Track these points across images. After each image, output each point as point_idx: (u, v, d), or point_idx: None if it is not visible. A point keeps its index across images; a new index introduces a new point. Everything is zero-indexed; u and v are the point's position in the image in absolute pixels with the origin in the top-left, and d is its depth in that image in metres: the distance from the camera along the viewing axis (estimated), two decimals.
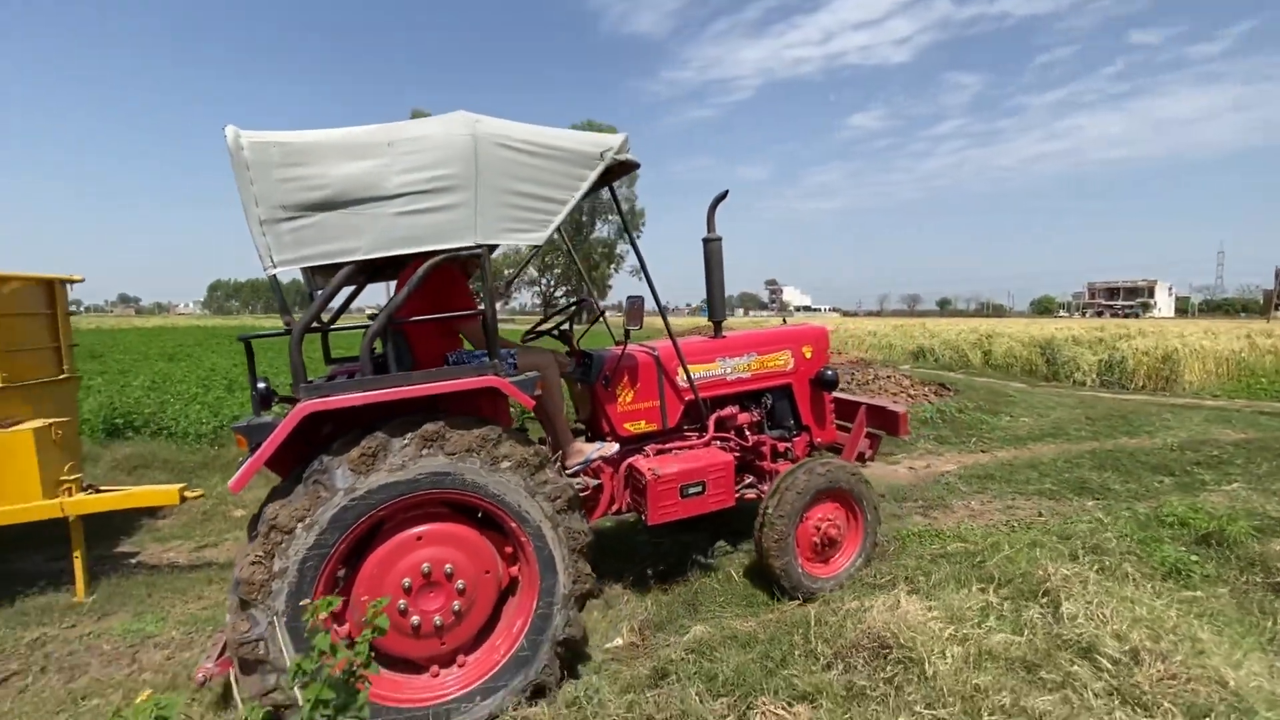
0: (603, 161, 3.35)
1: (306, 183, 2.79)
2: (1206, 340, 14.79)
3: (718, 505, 4.19)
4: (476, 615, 3.19)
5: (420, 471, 2.93)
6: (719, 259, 4.54)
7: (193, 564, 5.52)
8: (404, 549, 3.01)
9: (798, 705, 3.05)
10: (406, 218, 2.95)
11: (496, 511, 3.15)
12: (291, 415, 2.77)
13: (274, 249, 2.79)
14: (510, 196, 3.13)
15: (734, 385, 4.59)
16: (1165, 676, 2.79)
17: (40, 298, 5.19)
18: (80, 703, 3.56)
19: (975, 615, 3.32)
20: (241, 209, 2.79)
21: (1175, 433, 8.17)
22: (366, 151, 2.90)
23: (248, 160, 2.71)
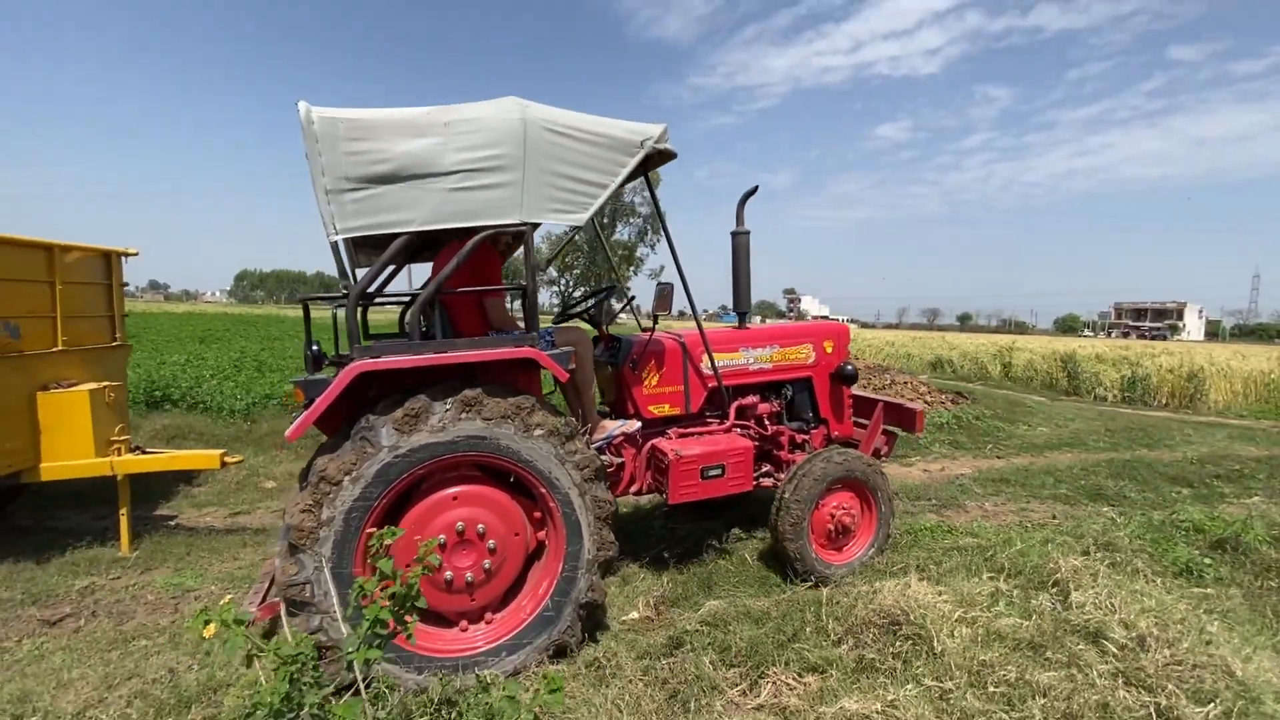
0: (642, 149, 3.53)
1: (370, 157, 3.00)
2: (1235, 361, 14.59)
3: (736, 489, 4.31)
4: (505, 575, 3.36)
5: (459, 434, 3.11)
6: (746, 253, 4.72)
7: (228, 529, 5.77)
8: (440, 507, 3.19)
9: (808, 676, 3.17)
10: (460, 193, 3.16)
11: (527, 476, 3.30)
12: (345, 373, 2.95)
13: (337, 217, 3.00)
14: (554, 178, 3.32)
15: (756, 375, 4.73)
16: (1171, 662, 2.86)
17: (99, 268, 5.47)
18: (130, 643, 3.79)
19: (984, 600, 3.41)
20: (309, 181, 3.01)
21: (1196, 447, 8.13)
22: (425, 130, 3.10)
23: (317, 133, 2.92)
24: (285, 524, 3.00)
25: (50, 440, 4.79)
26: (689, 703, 3.02)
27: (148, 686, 3.24)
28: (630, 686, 3.19)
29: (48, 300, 4.93)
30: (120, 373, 5.63)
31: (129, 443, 5.19)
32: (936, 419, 9.24)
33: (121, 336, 5.66)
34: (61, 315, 5.00)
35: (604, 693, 3.14)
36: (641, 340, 4.36)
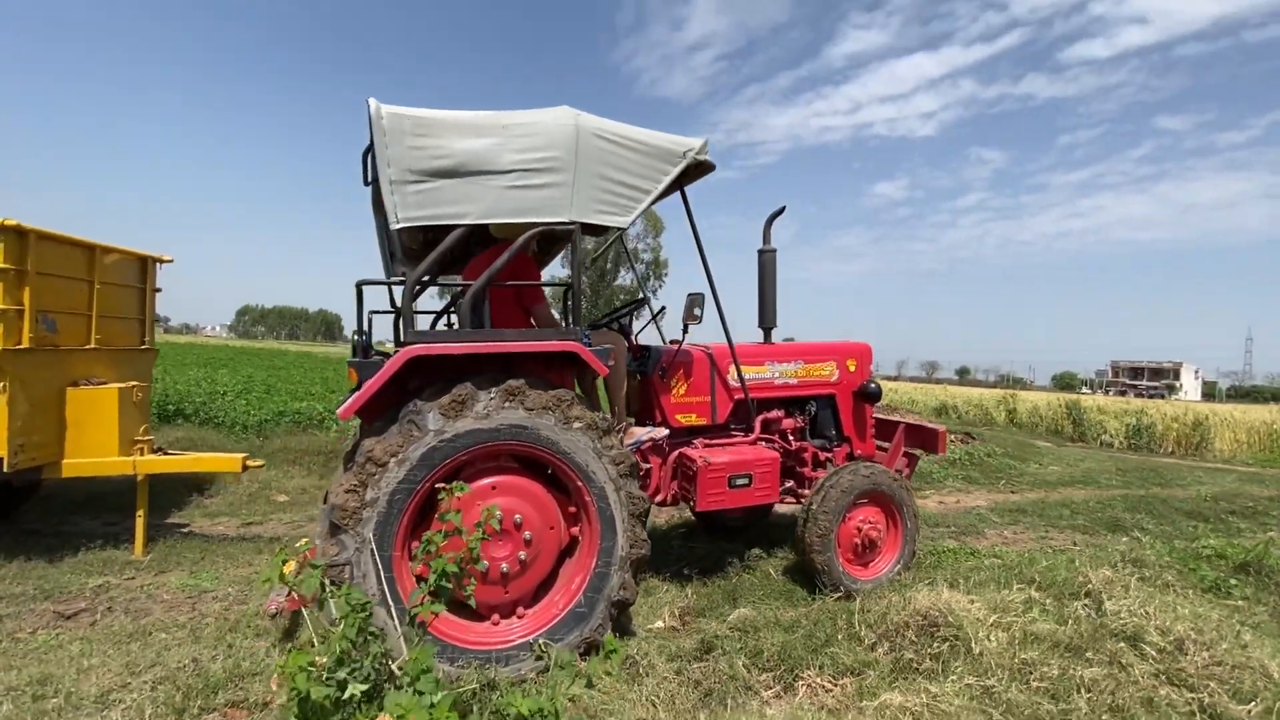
0: (684, 160, 3.70)
1: (433, 152, 3.17)
2: (1237, 413, 14.70)
3: (763, 499, 4.32)
4: (539, 568, 3.36)
5: (502, 422, 3.17)
6: (773, 270, 4.84)
7: (242, 536, 5.71)
8: (479, 495, 3.19)
9: (844, 678, 3.14)
10: (515, 191, 3.32)
11: (565, 468, 3.33)
12: (398, 356, 3.04)
13: (399, 207, 3.14)
14: (602, 181, 3.50)
15: (781, 390, 4.79)
16: (1211, 664, 2.87)
17: (134, 272, 5.58)
18: (149, 636, 3.73)
19: (1018, 607, 3.40)
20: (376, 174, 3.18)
21: (1208, 487, 8.14)
22: (485, 131, 3.28)
23: (385, 128, 3.10)
24: (329, 504, 3.01)
25: (76, 436, 4.80)
26: (725, 699, 2.99)
27: (171, 674, 3.18)
28: (664, 685, 3.15)
29: (85, 299, 5.03)
30: (147, 375, 5.68)
31: (151, 443, 5.21)
32: (949, 455, 9.25)
33: (150, 340, 5.74)
34: (97, 314, 5.08)
35: (638, 690, 3.10)
36: (670, 350, 4.43)
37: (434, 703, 1.63)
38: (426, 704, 1.62)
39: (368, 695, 1.81)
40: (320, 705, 1.65)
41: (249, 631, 3.80)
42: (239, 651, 3.46)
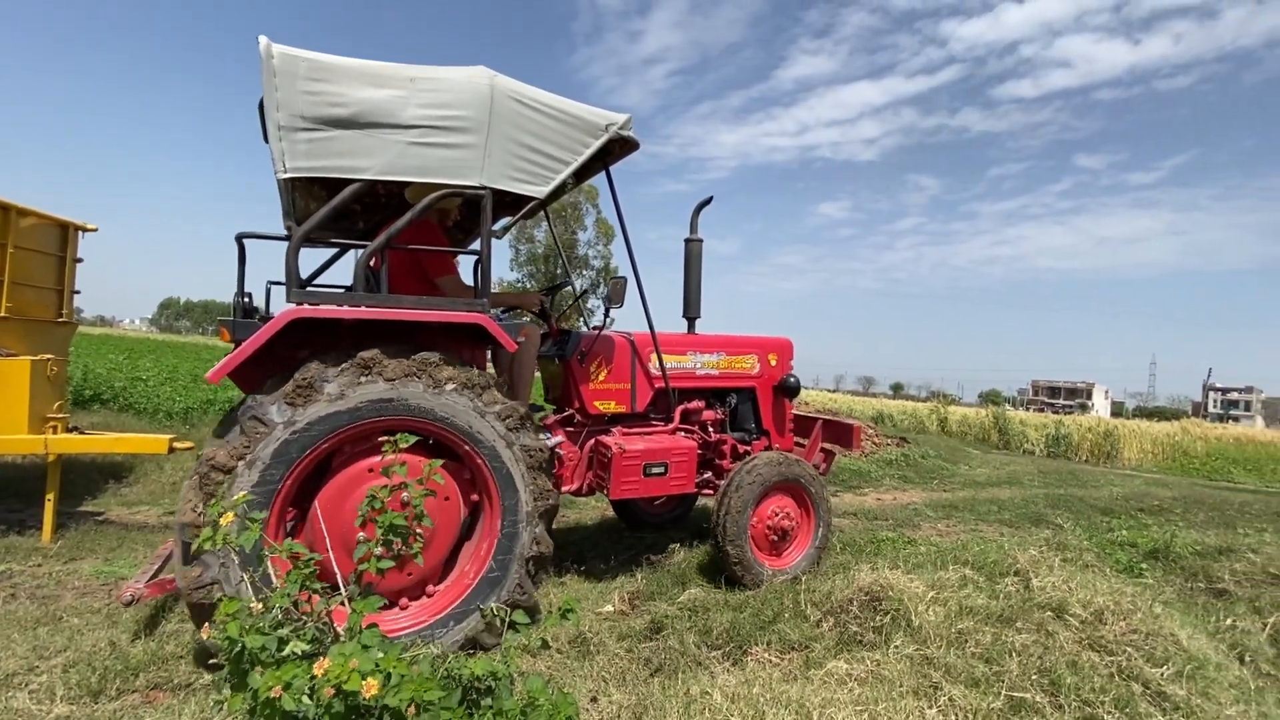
0: (606, 134, 3.52)
1: (327, 99, 2.92)
2: (1144, 426, 15.85)
3: (678, 489, 4.27)
4: (441, 543, 3.17)
5: (361, 399, 2.89)
6: (698, 259, 4.77)
7: (165, 525, 5.37)
8: (355, 483, 2.94)
9: (791, 652, 3.21)
10: (418, 148, 3.11)
11: (446, 435, 3.10)
12: (279, 317, 2.80)
13: (288, 155, 2.89)
14: (518, 148, 3.31)
15: (702, 380, 4.69)
16: (1127, 632, 3.07)
17: (54, 239, 5.21)
18: (60, 621, 3.46)
19: (954, 584, 3.56)
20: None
21: (1118, 488, 8.76)
22: (388, 82, 3.04)
23: (276, 68, 2.83)
24: (179, 523, 2.71)
25: None
26: (676, 674, 3.00)
27: (86, 657, 2.97)
28: (615, 661, 3.16)
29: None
30: (64, 349, 5.29)
31: (66, 422, 4.85)
32: (886, 457, 9.62)
33: (69, 313, 5.36)
34: (9, 281, 4.71)
35: (588, 666, 3.09)
36: (591, 335, 4.28)
37: (382, 654, 1.58)
38: (373, 656, 1.57)
39: (309, 656, 1.73)
40: (256, 656, 1.56)
41: (173, 617, 3.58)
42: (161, 635, 3.26)
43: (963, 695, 2.54)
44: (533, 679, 1.75)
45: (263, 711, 1.50)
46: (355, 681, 1.42)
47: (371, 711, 1.52)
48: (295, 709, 1.46)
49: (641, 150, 3.89)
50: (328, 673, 1.44)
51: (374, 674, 1.49)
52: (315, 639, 1.88)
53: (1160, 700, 2.69)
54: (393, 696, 1.48)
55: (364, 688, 1.44)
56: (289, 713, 1.46)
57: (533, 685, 1.73)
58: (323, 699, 1.46)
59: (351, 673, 1.43)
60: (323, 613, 1.93)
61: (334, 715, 1.46)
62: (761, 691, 2.46)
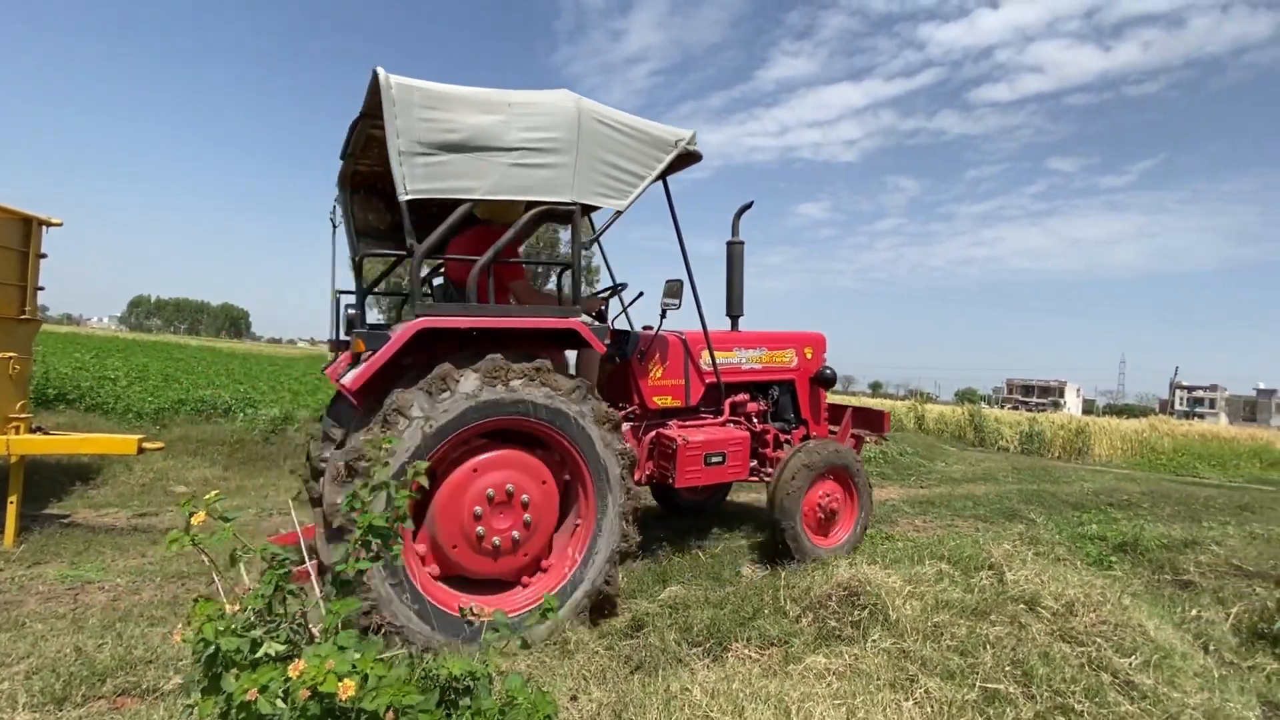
0: (676, 148, 3.84)
1: (441, 125, 3.16)
2: (1114, 423, 16.23)
3: (734, 476, 4.60)
4: (546, 527, 3.49)
5: (488, 399, 3.17)
6: (740, 260, 5.01)
7: (134, 528, 5.26)
8: (466, 479, 3.23)
9: (771, 648, 3.23)
10: (519, 169, 3.36)
11: (556, 435, 3.40)
12: (409, 327, 3.04)
13: (408, 179, 3.12)
14: (602, 165, 3.59)
15: (747, 374, 4.98)
16: (1097, 623, 3.13)
17: (16, 233, 5.05)
18: (23, 627, 3.37)
19: (931, 578, 3.61)
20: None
21: (1090, 483, 8.96)
22: (492, 107, 3.29)
23: (394, 98, 3.05)
24: (326, 507, 2.97)
25: None
26: (656, 671, 3.00)
27: (50, 663, 2.89)
28: (595, 659, 3.15)
29: None
30: (27, 348, 5.13)
31: (30, 422, 4.72)
32: (865, 454, 9.67)
33: (32, 310, 5.20)
34: None
35: (568, 665, 3.08)
36: (648, 335, 4.53)
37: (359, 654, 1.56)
38: (350, 658, 1.54)
39: (284, 657, 1.71)
40: (229, 659, 1.54)
41: (141, 620, 3.50)
42: (129, 640, 3.18)
43: (938, 687, 2.58)
44: (512, 678, 1.74)
45: (238, 715, 1.48)
46: (331, 683, 1.40)
47: (348, 714, 1.50)
48: (271, 712, 1.43)
49: None
50: (303, 674, 1.41)
51: (351, 676, 1.47)
52: (290, 641, 1.85)
53: (1128, 689, 2.76)
54: (370, 699, 1.46)
55: (340, 689, 1.42)
56: (264, 716, 1.44)
57: (511, 684, 1.72)
58: (298, 701, 1.43)
59: (327, 674, 1.41)
60: (297, 614, 1.90)
61: (309, 718, 1.44)
62: (741, 687, 2.48)
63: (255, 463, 7.49)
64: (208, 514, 1.74)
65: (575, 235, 3.66)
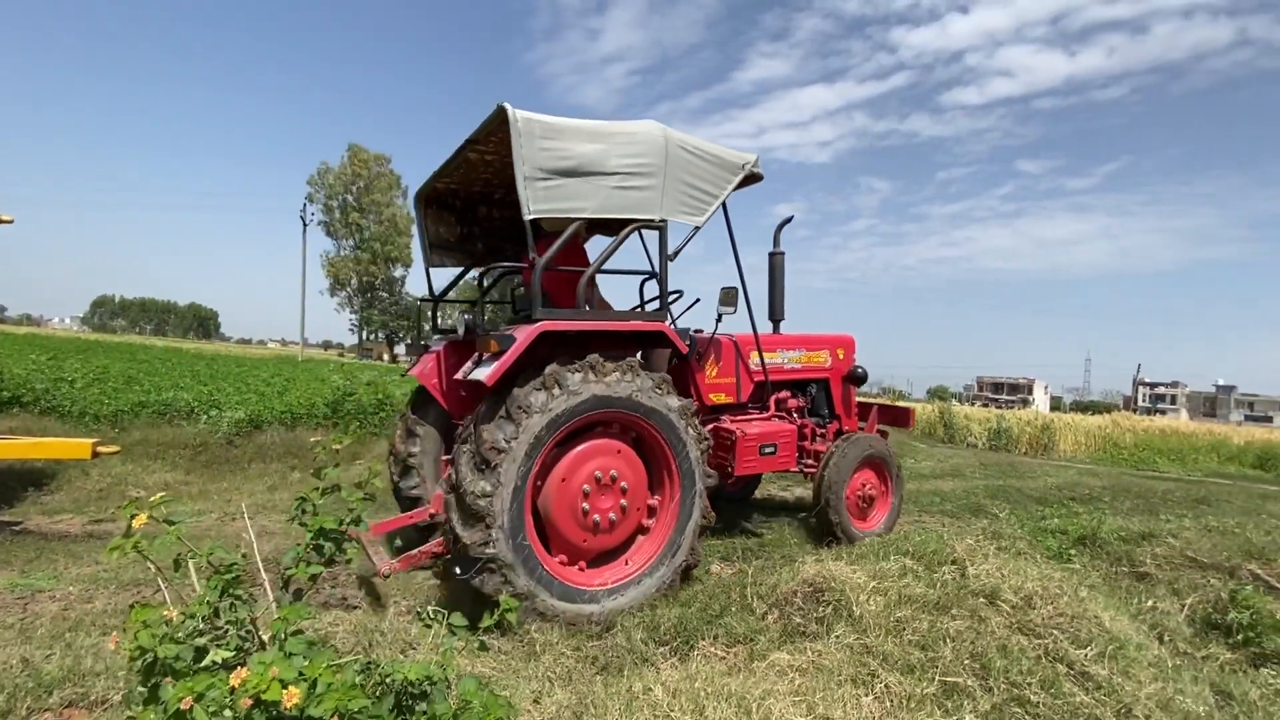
0: (743, 170, 4.35)
1: (558, 153, 3.57)
2: (1078, 419, 16.63)
3: (782, 466, 5.02)
4: (638, 505, 3.93)
5: (592, 393, 3.58)
6: (781, 270, 5.43)
7: (89, 534, 5.10)
8: (577, 463, 3.67)
9: (737, 646, 3.25)
10: (620, 191, 3.82)
11: (647, 426, 3.83)
12: (533, 329, 3.46)
13: (531, 200, 3.51)
14: (684, 186, 4.06)
15: (789, 374, 5.43)
16: (1054, 615, 3.20)
17: None
18: None
19: (895, 574, 3.65)
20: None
21: (1053, 478, 9.18)
22: (597, 137, 3.73)
23: (520, 130, 3.44)
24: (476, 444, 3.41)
25: None
26: (621, 670, 3.00)
27: None
28: (561, 661, 3.13)
29: None
30: None
31: None
32: None
33: None
34: None
35: (533, 667, 3.06)
36: (704, 337, 4.86)
37: (307, 661, 1.52)
38: (298, 664, 1.51)
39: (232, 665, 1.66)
40: (169, 666, 1.49)
41: (93, 630, 3.39)
42: (79, 650, 3.08)
43: (898, 682, 2.61)
44: (465, 681, 1.72)
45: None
46: (275, 691, 1.37)
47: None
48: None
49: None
50: (245, 682, 1.38)
51: (298, 683, 1.44)
52: (241, 648, 1.80)
53: (1083, 680, 2.82)
54: (315, 706, 1.43)
55: (285, 697, 1.38)
56: None
57: (465, 688, 1.70)
58: (240, 711, 1.40)
59: (271, 682, 1.37)
60: (246, 620, 1.85)
61: None
62: (703, 686, 2.48)
63: (219, 466, 7.32)
64: (150, 518, 1.68)
65: (662, 248, 4.07)
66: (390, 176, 62.99)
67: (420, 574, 4.59)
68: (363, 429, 8.49)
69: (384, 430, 8.67)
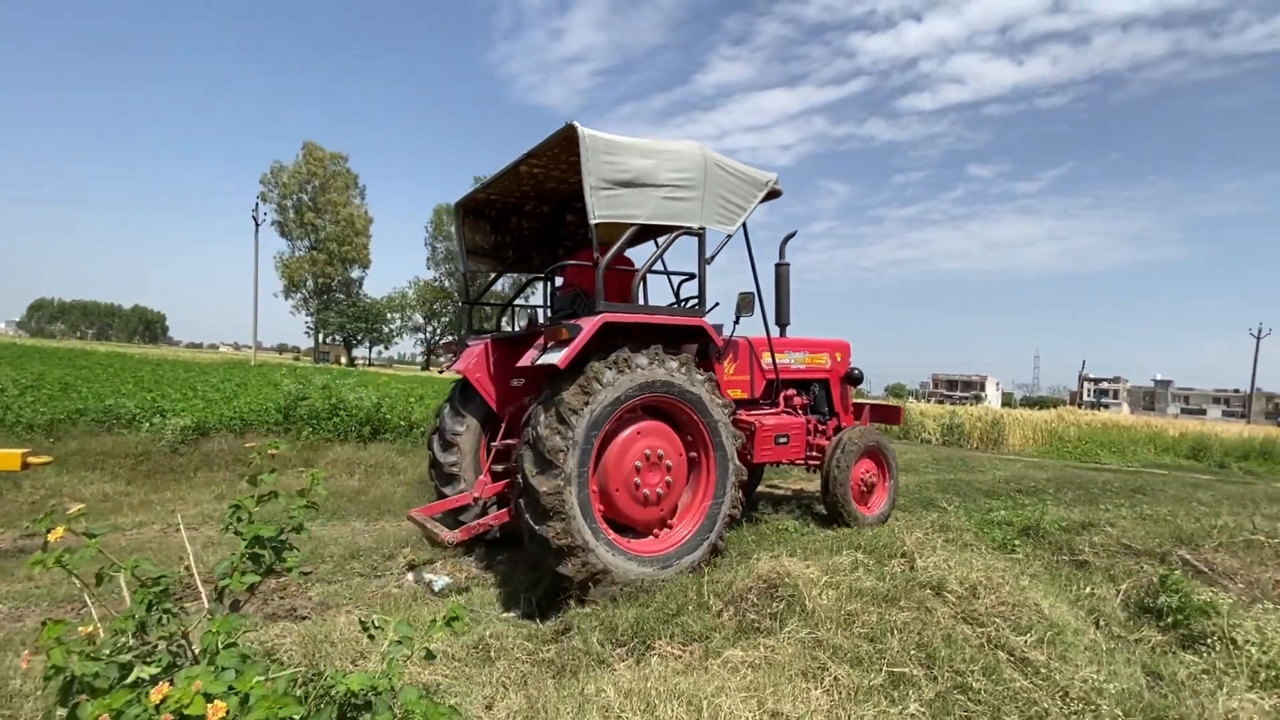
0: (766, 187, 4.87)
1: (618, 166, 4.03)
2: (1026, 414, 17.24)
3: (793, 455, 5.44)
4: (676, 490, 4.32)
5: (647, 379, 4.00)
6: (787, 279, 5.71)
7: (20, 549, 4.86)
8: (629, 442, 4.09)
9: (693, 644, 3.26)
10: (668, 201, 4.29)
11: (691, 414, 4.25)
12: (599, 319, 3.88)
13: (596, 207, 3.94)
14: (719, 198, 4.56)
15: (795, 373, 5.92)
16: (997, 604, 3.31)
17: None
18: None
19: (847, 568, 3.73)
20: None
21: (1001, 472, 9.51)
22: (648, 154, 4.20)
23: (587, 145, 3.87)
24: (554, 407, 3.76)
25: None
26: (578, 673, 2.98)
27: None
28: (517, 666, 3.11)
29: None
30: None
31: None
32: None
33: None
34: None
35: (488, 672, 3.03)
36: (723, 338, 5.08)
37: (237, 676, 1.47)
38: (228, 678, 1.46)
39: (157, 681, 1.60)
40: (88, 685, 1.43)
41: (22, 649, 3.22)
42: (5, 670, 2.93)
43: (847, 674, 2.66)
44: (407, 691, 1.69)
45: None
46: (199, 706, 1.32)
47: None
48: None
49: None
50: (168, 698, 1.33)
51: (226, 696, 1.39)
52: (172, 664, 1.74)
53: (1023, 665, 2.92)
54: (245, 717, 1.38)
55: (210, 711, 1.34)
56: None
57: (408, 697, 1.67)
58: None
59: (195, 696, 1.33)
60: (178, 634, 1.79)
61: None
62: (655, 685, 2.49)
63: (162, 475, 7.03)
64: (70, 530, 1.61)
65: (701, 252, 4.58)
66: (347, 175, 61.61)
67: (374, 582, 4.51)
68: (315, 434, 8.26)
69: (337, 436, 8.46)
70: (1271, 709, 2.87)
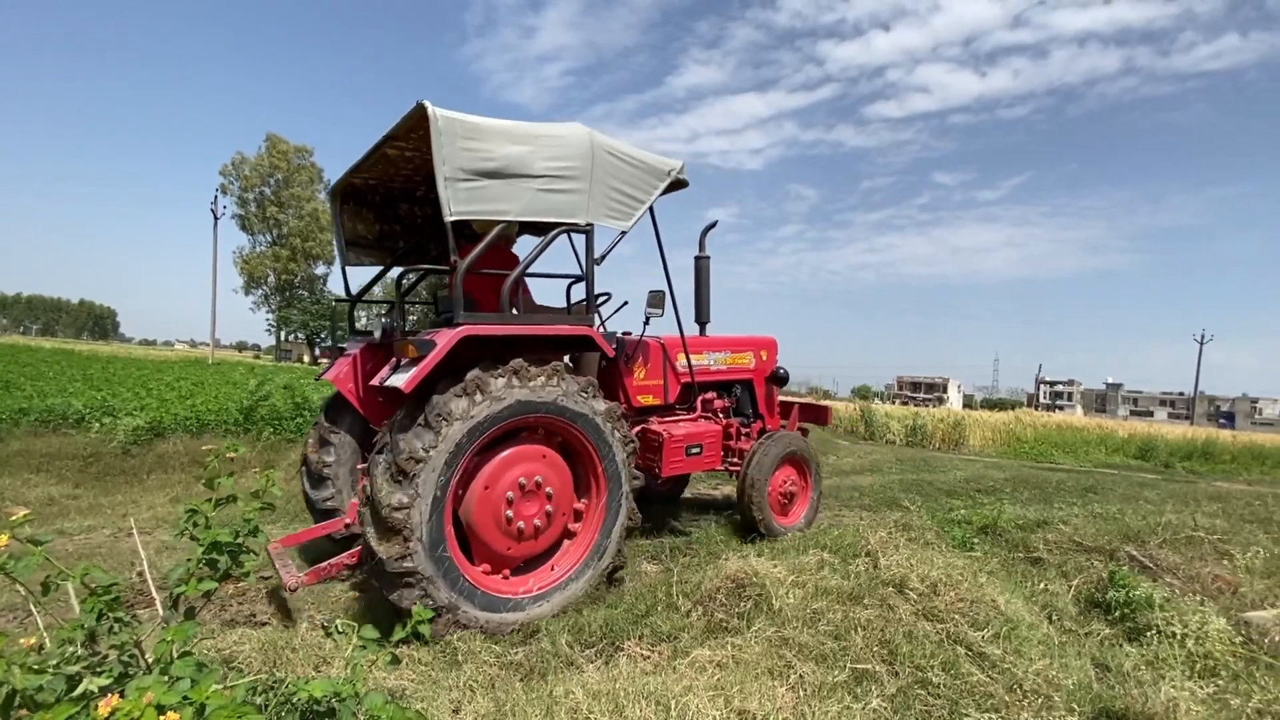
0: (669, 177, 4.33)
1: (480, 154, 3.45)
2: (985, 415, 17.76)
3: (708, 465, 5.12)
4: (563, 510, 3.86)
5: (515, 399, 3.50)
6: (707, 273, 5.43)
7: None
8: (507, 464, 3.61)
9: (661, 644, 3.28)
10: (545, 194, 3.72)
11: (572, 430, 3.78)
12: (454, 334, 3.32)
13: (452, 201, 3.39)
14: (610, 191, 4.01)
15: (714, 375, 5.53)
16: (956, 601, 3.40)
17: None
18: None
19: (813, 567, 3.79)
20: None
21: (962, 472, 9.78)
22: (523, 139, 3.62)
23: (440, 129, 3.30)
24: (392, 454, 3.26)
25: None
26: (546, 675, 2.97)
27: None
28: (484, 669, 3.08)
29: None
30: None
31: None
32: None
33: None
34: None
35: (454, 676, 2.99)
36: (631, 340, 4.90)
37: (192, 685, 1.43)
38: (182, 688, 1.42)
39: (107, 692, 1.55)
40: (29, 699, 1.37)
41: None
42: None
43: (812, 672, 2.71)
44: (372, 696, 1.66)
45: None
46: (150, 717, 1.28)
47: None
48: None
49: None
50: (117, 710, 1.28)
51: (181, 707, 1.35)
52: (123, 674, 1.68)
53: (980, 660, 3.01)
54: None
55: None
56: None
57: (372, 703, 1.65)
58: None
59: (146, 708, 1.28)
60: (130, 643, 1.73)
61: None
62: (624, 686, 2.50)
63: (113, 477, 6.77)
64: (14, 538, 1.55)
65: (589, 252, 4.02)
66: (311, 170, 60.12)
67: (338, 586, 4.41)
68: (277, 435, 8.05)
69: (300, 437, 8.26)
70: (1207, 697, 3.01)
